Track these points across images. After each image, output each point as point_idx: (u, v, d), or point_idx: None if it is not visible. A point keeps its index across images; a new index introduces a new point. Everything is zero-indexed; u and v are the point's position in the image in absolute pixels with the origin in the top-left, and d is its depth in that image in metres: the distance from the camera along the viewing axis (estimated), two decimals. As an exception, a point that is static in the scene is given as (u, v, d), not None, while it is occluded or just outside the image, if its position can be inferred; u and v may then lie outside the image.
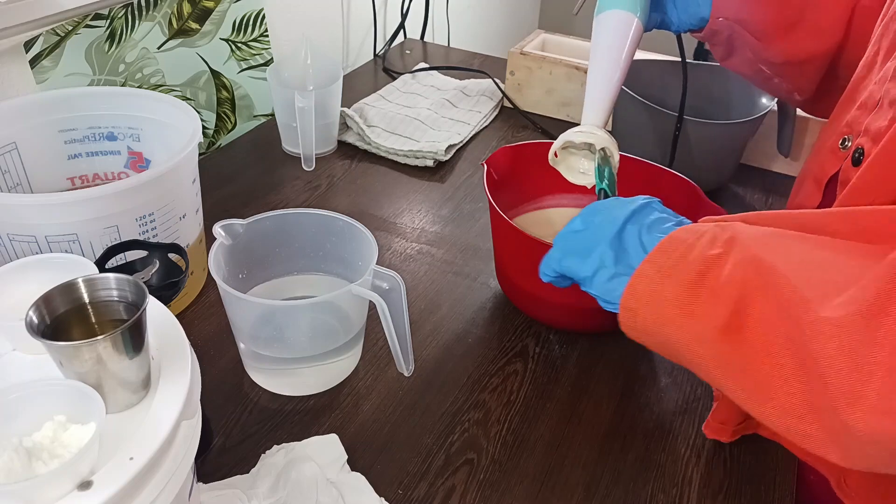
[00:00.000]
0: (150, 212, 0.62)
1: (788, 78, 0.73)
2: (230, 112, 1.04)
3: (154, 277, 0.51)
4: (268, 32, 1.05)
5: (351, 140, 1.03)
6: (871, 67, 0.56)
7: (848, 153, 0.54)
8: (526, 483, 0.58)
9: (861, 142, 0.52)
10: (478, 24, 1.85)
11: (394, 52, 1.36)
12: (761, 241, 0.45)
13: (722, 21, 0.69)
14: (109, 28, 0.82)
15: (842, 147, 0.55)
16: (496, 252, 0.76)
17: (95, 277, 0.40)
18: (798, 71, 0.71)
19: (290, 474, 0.55)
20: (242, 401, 0.64)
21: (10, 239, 0.59)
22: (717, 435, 0.63)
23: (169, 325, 0.43)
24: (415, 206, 0.92)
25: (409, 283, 0.78)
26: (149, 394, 0.40)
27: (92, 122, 0.73)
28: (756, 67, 0.73)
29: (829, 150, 0.57)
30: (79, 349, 0.36)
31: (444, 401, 0.65)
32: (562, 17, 2.22)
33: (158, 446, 0.36)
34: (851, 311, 0.38)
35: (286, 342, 0.64)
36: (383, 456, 0.60)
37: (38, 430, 0.36)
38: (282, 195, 0.92)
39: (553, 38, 1.20)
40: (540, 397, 0.66)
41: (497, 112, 1.15)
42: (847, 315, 0.38)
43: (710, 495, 0.59)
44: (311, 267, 0.69)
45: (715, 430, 0.63)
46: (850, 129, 0.54)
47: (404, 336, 0.60)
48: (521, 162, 0.78)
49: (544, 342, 0.72)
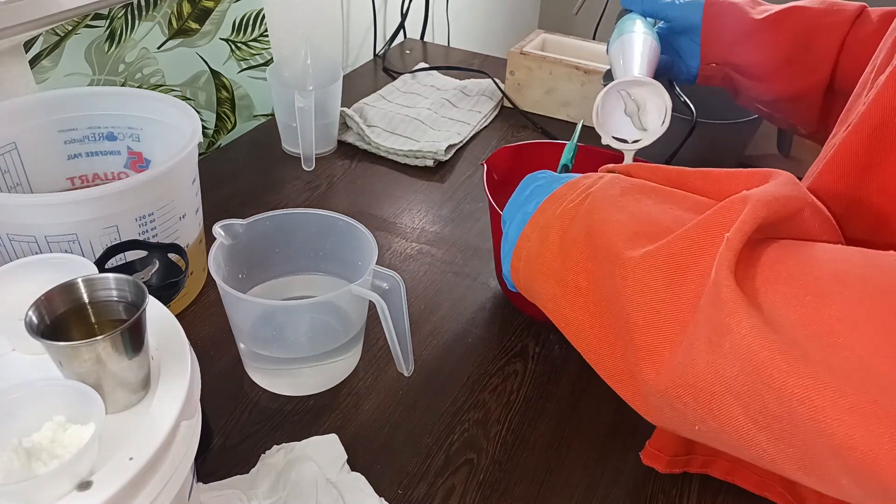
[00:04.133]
0: (150, 212, 0.62)
1: (787, 113, 0.73)
2: (230, 112, 1.04)
3: (154, 277, 0.51)
4: (268, 32, 1.05)
5: (351, 140, 1.03)
6: (865, 84, 0.56)
7: None
8: (526, 483, 0.58)
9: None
10: (478, 24, 1.85)
11: (394, 52, 1.36)
12: (611, 198, 0.45)
13: (714, 67, 0.70)
14: (109, 28, 0.81)
15: None
16: (496, 252, 0.75)
17: (95, 277, 0.40)
18: (794, 106, 0.72)
19: (289, 474, 0.55)
20: (242, 401, 0.64)
21: (10, 239, 0.59)
22: (652, 462, 0.58)
23: (169, 325, 0.43)
24: (415, 206, 0.92)
25: (409, 283, 0.78)
26: (148, 394, 0.40)
27: (92, 122, 0.73)
28: (756, 107, 0.74)
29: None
30: (78, 349, 0.36)
31: (443, 401, 0.65)
32: (562, 17, 2.22)
33: (158, 446, 0.36)
34: (656, 263, 0.39)
35: (286, 342, 0.64)
36: (383, 456, 0.60)
37: (38, 431, 0.36)
38: (282, 195, 0.92)
39: (553, 38, 1.20)
40: (540, 397, 0.66)
41: (497, 112, 1.15)
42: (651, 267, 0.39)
43: (710, 495, 0.58)
44: (311, 267, 0.69)
45: (650, 455, 0.58)
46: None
47: (404, 336, 0.60)
48: (521, 162, 0.78)
49: (544, 342, 0.72)
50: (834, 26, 0.67)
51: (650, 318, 0.39)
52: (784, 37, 0.68)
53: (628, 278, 0.40)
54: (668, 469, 0.58)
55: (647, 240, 0.41)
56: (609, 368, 0.43)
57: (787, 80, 0.69)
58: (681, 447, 0.57)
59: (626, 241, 0.41)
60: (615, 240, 0.42)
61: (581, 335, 0.45)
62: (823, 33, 0.68)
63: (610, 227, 0.43)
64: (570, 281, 0.45)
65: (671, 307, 0.38)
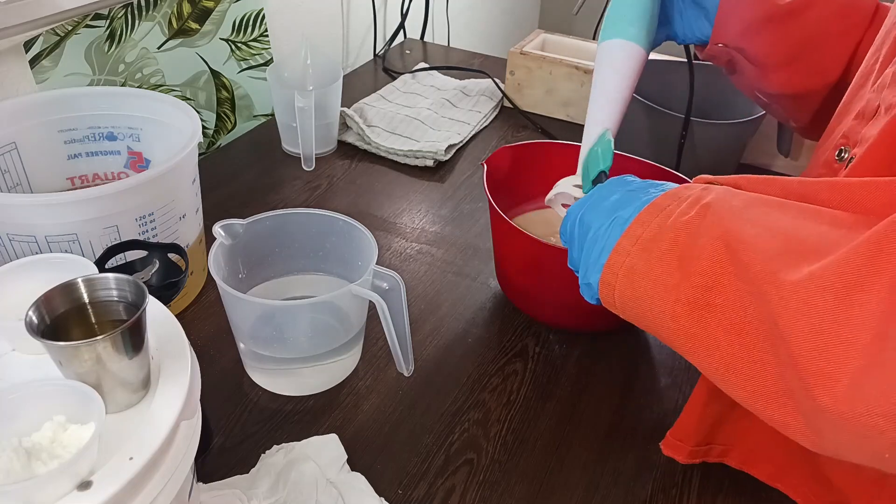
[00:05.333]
0: (150, 212, 0.62)
1: (784, 107, 0.72)
2: (230, 112, 1.04)
3: (154, 277, 0.51)
4: (268, 32, 1.05)
5: (351, 140, 1.03)
6: (869, 76, 0.54)
7: (844, 164, 0.52)
8: (526, 483, 0.58)
9: (857, 151, 0.50)
10: (478, 24, 1.85)
11: (394, 52, 1.36)
12: (737, 211, 0.43)
13: (721, 48, 0.69)
14: (109, 28, 0.81)
15: (838, 159, 0.53)
16: (496, 252, 0.75)
17: (95, 277, 0.40)
18: (793, 103, 0.70)
19: (289, 474, 0.55)
20: (242, 401, 0.64)
21: (10, 239, 0.59)
22: (673, 452, 0.59)
23: (169, 325, 0.43)
24: (415, 206, 0.92)
25: (409, 283, 0.78)
26: (149, 394, 0.40)
27: (92, 122, 0.73)
28: (753, 93, 0.73)
29: (824, 163, 0.55)
30: (78, 349, 0.36)
31: (444, 401, 0.65)
32: (562, 17, 2.22)
33: (158, 446, 0.36)
34: (824, 284, 0.36)
35: (286, 342, 0.64)
36: (383, 456, 0.60)
37: (38, 431, 0.36)
38: (282, 195, 0.92)
39: (553, 38, 1.20)
40: (540, 397, 0.66)
41: (497, 112, 1.15)
42: (818, 289, 0.36)
43: (710, 495, 0.58)
44: (311, 267, 0.69)
45: (671, 446, 0.59)
46: (847, 139, 0.52)
47: (404, 336, 0.60)
48: (520, 162, 0.78)
49: (544, 342, 0.72)
50: (850, 30, 0.66)
51: (820, 342, 0.36)
52: (800, 32, 0.66)
53: (790, 300, 0.37)
54: (689, 459, 0.58)
55: (800, 258, 0.38)
56: (757, 387, 0.40)
57: (796, 77, 0.67)
58: (702, 437, 0.57)
59: (777, 260, 0.38)
60: (760, 257, 0.39)
61: (715, 353, 0.42)
62: (837, 36, 0.66)
63: (748, 243, 0.40)
64: (697, 298, 0.42)
65: (845, 330, 0.35)
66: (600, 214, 0.50)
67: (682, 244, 0.43)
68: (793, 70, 0.67)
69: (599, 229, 0.49)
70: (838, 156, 0.53)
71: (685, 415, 0.57)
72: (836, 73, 0.66)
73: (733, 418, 0.56)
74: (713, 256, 0.41)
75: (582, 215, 0.52)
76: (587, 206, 0.52)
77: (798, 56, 0.66)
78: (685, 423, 0.57)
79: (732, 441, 0.58)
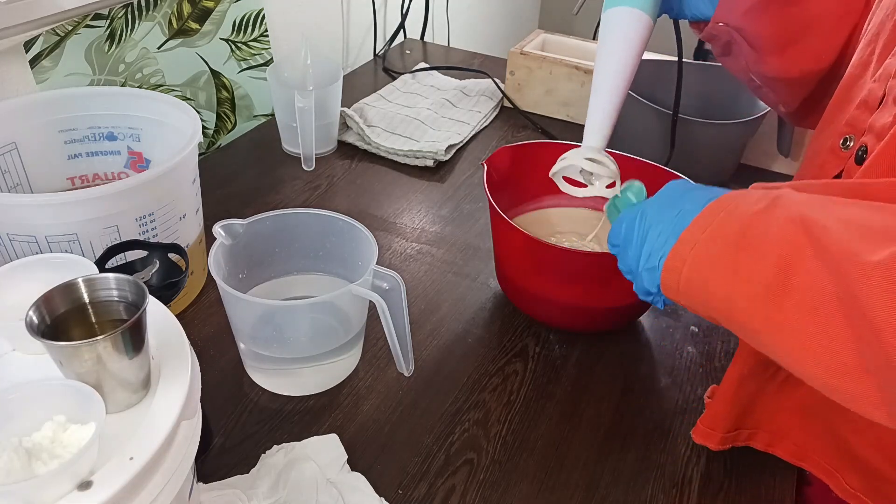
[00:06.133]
0: (150, 212, 0.62)
1: (776, 90, 0.72)
2: (230, 112, 1.04)
3: (154, 277, 0.51)
4: (268, 32, 1.05)
5: (351, 140, 1.03)
6: (867, 65, 0.55)
7: (851, 153, 0.53)
8: (526, 483, 0.58)
9: (865, 140, 0.52)
10: (478, 24, 1.85)
11: (394, 52, 1.36)
12: (807, 202, 0.44)
13: (722, 27, 0.69)
14: (109, 28, 0.81)
15: (843, 147, 0.54)
16: (496, 252, 0.75)
17: (95, 277, 0.40)
18: (785, 87, 0.71)
19: (289, 474, 0.55)
20: (242, 401, 0.64)
21: (10, 239, 0.59)
22: (705, 440, 0.61)
23: (169, 325, 0.43)
24: (415, 206, 0.92)
25: (409, 283, 0.78)
26: (149, 394, 0.40)
27: (92, 122, 0.73)
28: (747, 76, 0.73)
29: (829, 150, 0.56)
30: (78, 349, 0.36)
31: (444, 401, 0.65)
32: (562, 17, 2.23)
33: (158, 446, 0.36)
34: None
35: (286, 342, 0.64)
36: (383, 456, 0.60)
37: (38, 431, 0.36)
38: (282, 195, 0.92)
39: (553, 38, 1.20)
40: (540, 397, 0.66)
41: (497, 112, 1.15)
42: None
43: (710, 495, 0.58)
44: (311, 267, 0.69)
45: (703, 435, 0.61)
46: (852, 128, 0.54)
47: (404, 336, 0.60)
48: (520, 162, 0.78)
49: (544, 342, 0.72)
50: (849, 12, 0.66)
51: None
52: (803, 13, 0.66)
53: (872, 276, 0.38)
54: (720, 446, 0.60)
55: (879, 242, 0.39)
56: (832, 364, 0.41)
57: (793, 60, 0.67)
58: (731, 423, 0.59)
59: (856, 243, 0.39)
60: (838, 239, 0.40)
61: (790, 333, 0.43)
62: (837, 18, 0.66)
63: (826, 227, 0.41)
64: (774, 280, 0.43)
65: None
66: (665, 207, 0.51)
67: (756, 230, 0.44)
68: (791, 53, 0.67)
69: (665, 219, 0.50)
70: (843, 144, 0.54)
71: (716, 402, 0.59)
72: (832, 56, 0.67)
73: (762, 402, 0.58)
74: (790, 239, 0.42)
75: (644, 209, 0.53)
76: (649, 202, 0.53)
77: (797, 38, 0.67)
78: (716, 411, 0.59)
79: (759, 424, 0.60)
